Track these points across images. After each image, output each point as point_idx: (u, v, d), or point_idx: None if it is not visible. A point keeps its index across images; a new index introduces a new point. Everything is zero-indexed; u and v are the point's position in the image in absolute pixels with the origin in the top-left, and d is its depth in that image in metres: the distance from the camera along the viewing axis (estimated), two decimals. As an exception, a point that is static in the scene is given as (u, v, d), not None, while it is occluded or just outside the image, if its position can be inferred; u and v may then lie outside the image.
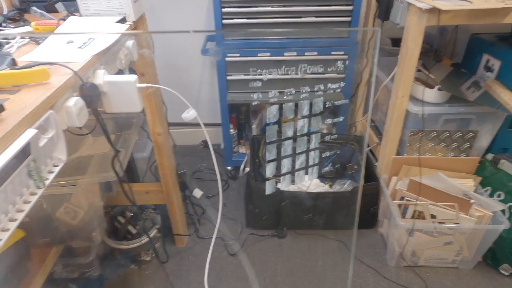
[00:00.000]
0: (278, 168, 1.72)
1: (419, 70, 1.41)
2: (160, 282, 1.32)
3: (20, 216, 0.48)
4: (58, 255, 1.22)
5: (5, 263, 0.96)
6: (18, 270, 1.01)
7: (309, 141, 0.31)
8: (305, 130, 0.30)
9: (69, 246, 1.25)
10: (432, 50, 1.56)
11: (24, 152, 0.48)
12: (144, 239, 1.33)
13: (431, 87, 1.31)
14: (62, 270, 1.30)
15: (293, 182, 1.55)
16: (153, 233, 1.39)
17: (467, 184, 1.32)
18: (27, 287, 0.99)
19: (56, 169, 0.57)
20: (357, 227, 1.51)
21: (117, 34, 0.80)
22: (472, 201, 1.22)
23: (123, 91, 0.74)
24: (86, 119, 0.64)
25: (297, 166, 0.33)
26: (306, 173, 1.59)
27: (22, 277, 1.02)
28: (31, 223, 1.06)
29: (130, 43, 0.90)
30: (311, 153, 0.32)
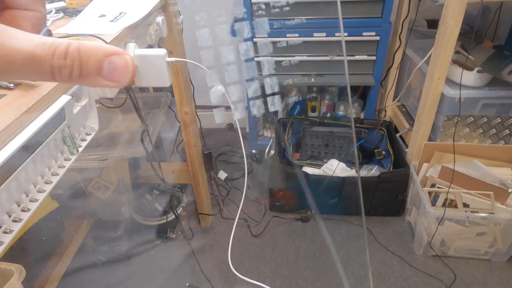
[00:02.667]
0: (303, 151, 1.70)
1: (457, 52, 1.34)
2: (185, 259, 1.35)
3: (55, 180, 0.49)
4: (89, 228, 1.28)
5: (42, 231, 1.01)
6: (53, 239, 1.06)
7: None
8: (251, 53, 0.29)
9: (100, 219, 1.31)
10: (473, 31, 1.47)
11: (59, 117, 0.50)
12: (171, 216, 1.36)
13: (469, 69, 1.23)
14: (93, 242, 1.36)
15: (319, 166, 1.53)
16: (179, 211, 1.42)
17: (504, 173, 1.25)
18: (61, 255, 1.05)
19: (89, 138, 0.58)
20: (383, 215, 1.47)
21: (148, 8, 0.81)
22: (510, 190, 1.15)
23: (152, 65, 0.74)
24: (117, 90, 0.65)
25: (250, 94, 0.31)
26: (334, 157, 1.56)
27: (57, 245, 1.08)
28: (65, 196, 1.11)
29: (160, 19, 0.90)
30: (267, 80, 0.30)
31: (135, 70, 0.18)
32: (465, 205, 1.20)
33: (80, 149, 0.56)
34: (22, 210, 0.43)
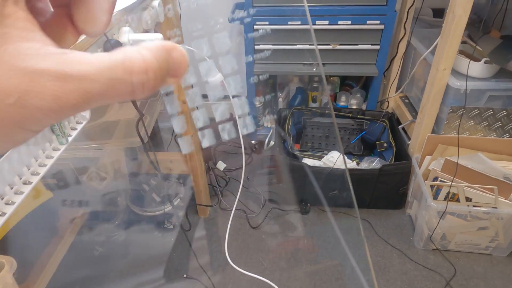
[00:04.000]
0: (303, 142, 1.67)
1: (464, 42, 1.30)
2: (182, 250, 1.34)
3: (42, 171, 0.47)
4: (85, 218, 1.26)
5: (36, 221, 0.99)
6: (48, 229, 1.04)
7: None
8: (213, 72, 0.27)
9: (96, 210, 1.29)
10: (480, 21, 1.43)
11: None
12: (168, 207, 1.34)
13: (476, 60, 1.20)
14: (89, 232, 1.34)
15: (319, 158, 1.50)
16: (176, 202, 1.40)
17: (509, 167, 1.23)
18: (57, 245, 1.03)
19: (79, 127, 0.55)
20: (383, 208, 1.46)
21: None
22: (514, 185, 1.13)
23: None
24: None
25: (217, 118, 0.29)
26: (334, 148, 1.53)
27: (52, 236, 1.06)
28: (59, 185, 1.09)
29: (156, 3, 0.86)
30: (235, 100, 0.28)
31: (187, 60, 0.17)
32: (468, 199, 1.18)
33: (70, 139, 0.53)
34: (6, 203, 0.41)
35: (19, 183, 0.44)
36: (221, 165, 1.72)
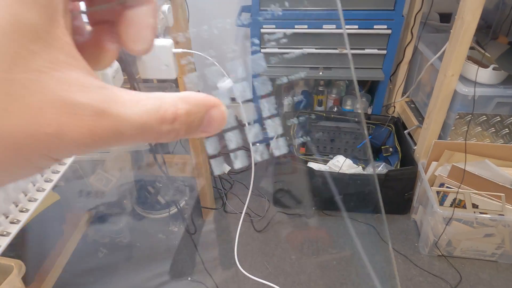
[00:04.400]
0: (309, 146, 1.67)
1: (471, 48, 1.29)
2: (187, 252, 1.34)
3: (55, 177, 0.47)
4: (91, 220, 1.26)
5: (43, 223, 0.99)
6: (54, 231, 1.05)
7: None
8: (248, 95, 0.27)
9: (101, 212, 1.29)
10: (487, 26, 1.42)
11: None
12: (173, 210, 1.34)
13: (484, 66, 1.19)
14: (94, 234, 1.34)
15: (325, 162, 1.50)
16: (181, 204, 1.40)
17: (516, 174, 1.22)
18: (63, 247, 1.03)
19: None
20: (388, 213, 1.45)
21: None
22: (521, 192, 1.12)
23: (158, 56, 0.71)
24: (121, 82, 0.62)
25: (250, 140, 0.28)
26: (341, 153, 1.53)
27: (59, 238, 1.06)
28: (66, 187, 1.09)
29: (166, 7, 0.87)
30: (269, 122, 0.28)
31: (226, 119, 0.18)
32: (474, 206, 1.18)
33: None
34: (20, 211, 0.41)
35: (33, 190, 0.44)
36: (225, 168, 1.72)
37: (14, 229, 0.40)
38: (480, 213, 1.17)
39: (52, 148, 0.13)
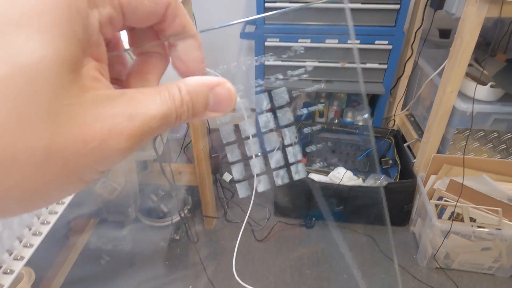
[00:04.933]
0: (309, 157, 1.68)
1: (470, 65, 1.33)
2: (188, 261, 1.35)
3: (60, 209, 0.49)
4: (95, 227, 1.28)
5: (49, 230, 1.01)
6: (60, 238, 1.06)
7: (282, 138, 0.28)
8: (271, 125, 0.27)
9: (105, 219, 1.31)
10: (486, 44, 1.46)
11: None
12: (176, 218, 1.36)
13: (482, 83, 1.23)
14: (97, 240, 1.36)
15: (326, 174, 1.52)
16: (184, 213, 1.41)
17: (513, 189, 1.25)
18: (67, 254, 1.05)
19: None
20: (388, 227, 1.47)
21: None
22: (518, 207, 1.15)
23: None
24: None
25: (273, 165, 0.30)
26: (341, 165, 1.55)
27: (64, 244, 1.08)
28: (73, 195, 1.11)
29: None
30: (290, 149, 0.29)
31: (236, 96, 0.19)
32: (472, 220, 1.20)
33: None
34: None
35: (37, 223, 0.46)
36: (227, 177, 1.74)
37: (18, 266, 0.41)
38: (478, 227, 1.19)
39: (97, 160, 0.15)
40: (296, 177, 0.30)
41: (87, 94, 0.14)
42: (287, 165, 0.29)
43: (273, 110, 0.29)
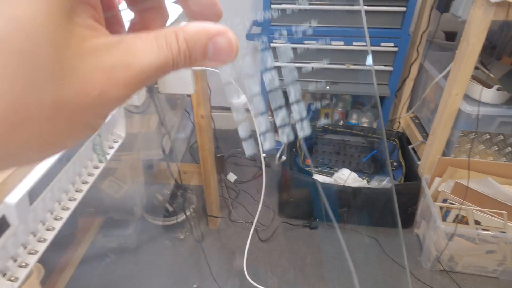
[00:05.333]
0: (314, 158, 1.69)
1: (476, 68, 1.33)
2: (193, 260, 1.36)
3: (85, 188, 0.50)
4: (101, 225, 1.29)
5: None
6: (67, 236, 1.08)
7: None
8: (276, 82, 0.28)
9: (111, 217, 1.32)
10: (491, 47, 1.46)
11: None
12: (181, 217, 1.37)
13: (488, 86, 1.23)
14: (103, 239, 1.37)
15: (330, 175, 1.53)
16: (188, 212, 1.42)
17: (518, 192, 1.24)
18: (74, 252, 1.06)
19: (116, 145, 0.59)
20: (391, 227, 1.47)
21: (175, 16, 0.81)
22: (523, 210, 1.15)
23: (178, 72, 0.75)
24: (144, 98, 0.66)
25: (278, 123, 0.30)
26: (345, 166, 1.55)
27: (70, 242, 1.09)
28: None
29: (184, 24, 0.91)
30: (295, 107, 0.29)
31: (238, 47, 0.18)
32: (477, 222, 1.20)
33: (108, 157, 0.57)
34: (55, 219, 0.44)
35: (66, 199, 0.47)
36: (231, 177, 1.75)
37: (32, 260, 0.41)
38: (482, 229, 1.19)
39: (99, 108, 0.15)
40: (301, 134, 0.30)
41: (86, 44, 0.14)
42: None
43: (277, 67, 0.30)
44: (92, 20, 0.16)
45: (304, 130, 0.31)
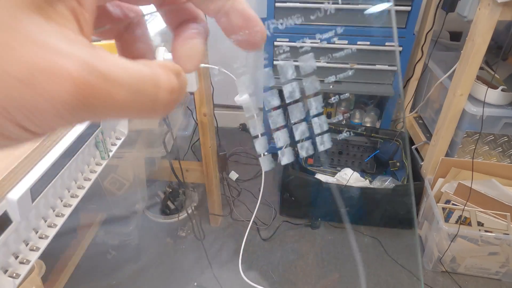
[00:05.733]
0: (316, 158, 1.69)
1: (481, 68, 1.32)
2: (193, 258, 1.36)
3: (88, 184, 0.50)
4: (102, 222, 1.29)
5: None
6: (69, 232, 1.08)
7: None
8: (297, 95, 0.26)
9: (113, 214, 1.32)
10: (497, 47, 1.44)
11: (94, 123, 0.50)
12: (182, 215, 1.37)
13: (493, 86, 1.22)
14: (104, 235, 1.37)
15: (333, 174, 1.52)
16: (190, 210, 1.42)
17: (522, 194, 1.24)
18: (75, 248, 1.06)
19: (119, 142, 0.59)
20: (393, 227, 1.47)
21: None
22: (526, 212, 1.14)
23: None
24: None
25: (297, 137, 0.29)
26: (348, 166, 1.55)
27: (72, 238, 1.09)
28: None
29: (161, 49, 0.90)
30: (315, 120, 0.28)
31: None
32: (480, 224, 1.19)
33: (111, 154, 0.57)
34: (57, 216, 0.44)
35: (68, 196, 0.47)
36: (233, 175, 1.75)
37: (33, 257, 0.40)
38: (485, 231, 1.18)
39: (24, 103, 0.11)
40: (321, 148, 0.29)
41: (48, 25, 0.12)
42: (312, 136, 0.29)
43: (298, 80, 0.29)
44: (71, 15, 0.13)
45: (324, 144, 0.30)
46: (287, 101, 0.29)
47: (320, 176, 1.49)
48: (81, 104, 0.11)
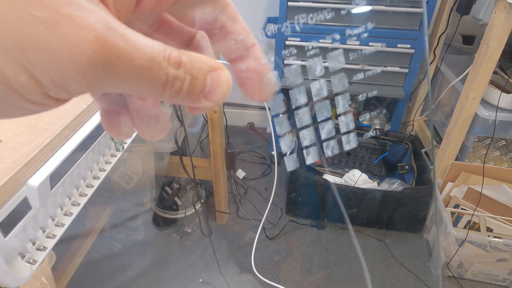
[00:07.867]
0: (325, 159, 1.68)
1: (494, 72, 1.30)
2: (199, 254, 1.36)
3: (102, 175, 0.50)
4: (110, 215, 1.30)
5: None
6: (77, 224, 1.09)
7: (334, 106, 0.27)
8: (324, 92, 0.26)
9: (121, 208, 1.33)
10: (511, 51, 1.43)
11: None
12: (189, 211, 1.38)
13: (506, 91, 1.20)
14: (111, 229, 1.38)
15: (341, 175, 1.52)
16: (197, 207, 1.43)
17: (533, 200, 1.22)
18: (84, 241, 1.07)
19: (134, 134, 0.59)
20: (400, 230, 1.46)
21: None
22: (537, 219, 1.12)
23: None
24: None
25: (323, 136, 0.29)
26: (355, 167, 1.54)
27: (80, 230, 1.10)
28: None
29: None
30: (342, 118, 0.28)
31: (230, 89, 0.16)
32: (489, 230, 1.18)
33: (126, 146, 0.57)
34: (73, 205, 0.44)
35: (84, 185, 0.47)
36: (240, 173, 1.75)
37: (50, 244, 0.41)
38: (494, 237, 1.17)
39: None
40: (346, 147, 0.29)
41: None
42: (338, 135, 0.28)
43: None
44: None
45: (350, 143, 0.30)
46: (314, 99, 0.28)
47: (328, 177, 1.48)
48: (102, 59, 0.11)
